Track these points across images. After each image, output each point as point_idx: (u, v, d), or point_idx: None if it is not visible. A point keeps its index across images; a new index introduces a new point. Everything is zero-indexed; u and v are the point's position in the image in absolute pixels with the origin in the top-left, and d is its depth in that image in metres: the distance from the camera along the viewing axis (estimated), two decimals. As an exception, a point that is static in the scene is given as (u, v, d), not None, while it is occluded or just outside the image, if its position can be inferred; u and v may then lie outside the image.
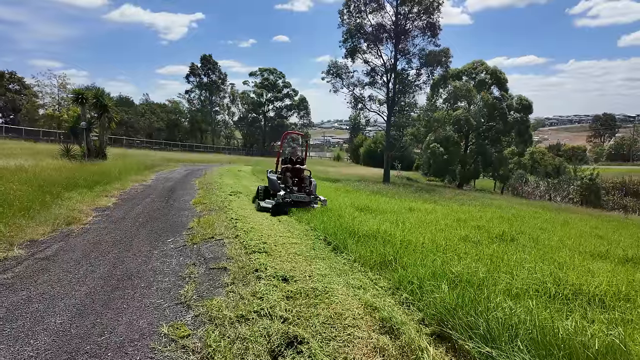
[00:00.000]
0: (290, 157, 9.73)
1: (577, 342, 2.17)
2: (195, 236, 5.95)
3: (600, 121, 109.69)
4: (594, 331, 2.34)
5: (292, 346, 2.64)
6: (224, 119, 70.49)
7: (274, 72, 69.10)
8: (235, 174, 20.56)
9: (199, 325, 3.06)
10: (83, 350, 2.64)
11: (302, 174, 9.44)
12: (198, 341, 2.79)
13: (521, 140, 38.45)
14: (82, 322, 3.06)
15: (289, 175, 9.09)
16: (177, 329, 2.96)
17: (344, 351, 2.68)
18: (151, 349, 2.67)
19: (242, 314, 3.18)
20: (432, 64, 28.91)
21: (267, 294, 3.63)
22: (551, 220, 10.49)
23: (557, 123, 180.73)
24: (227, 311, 3.24)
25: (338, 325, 3.07)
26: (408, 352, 2.63)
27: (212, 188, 12.57)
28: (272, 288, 3.82)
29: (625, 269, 5.07)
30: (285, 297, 3.61)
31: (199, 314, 3.24)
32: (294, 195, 8.58)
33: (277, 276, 4.17)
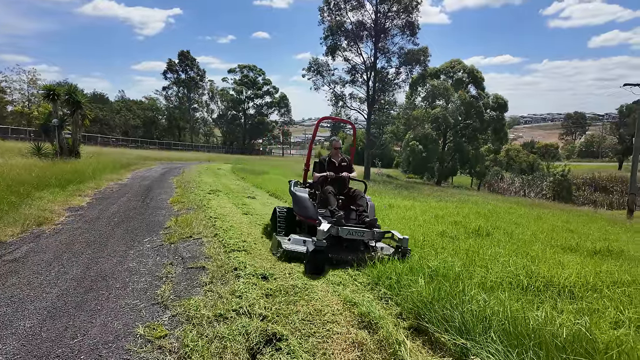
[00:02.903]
0: (329, 159, 5.88)
1: (546, 332, 2.26)
2: (172, 235, 5.85)
3: (571, 119, 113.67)
4: (562, 321, 2.44)
5: (271, 343, 2.64)
6: (202, 116, 69.46)
7: (254, 69, 68.50)
8: (215, 172, 20.30)
9: (176, 325, 3.01)
10: (54, 354, 2.56)
11: (355, 192, 5.51)
12: (175, 341, 2.75)
13: (497, 137, 39.46)
14: (54, 325, 2.97)
15: (331, 190, 5.26)
16: (153, 329, 2.90)
17: (323, 347, 2.70)
18: (126, 351, 2.62)
19: (221, 312, 3.15)
20: (411, 62, 29.27)
21: (246, 292, 3.60)
22: (525, 215, 10.81)
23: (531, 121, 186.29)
24: (205, 310, 3.20)
25: (317, 321, 3.08)
26: (386, 345, 2.67)
27: (191, 186, 12.37)
28: (251, 286, 3.79)
29: (593, 261, 5.28)
30: (264, 295, 3.59)
31: (176, 314, 3.19)
32: (344, 230, 4.58)
33: (256, 274, 4.15)
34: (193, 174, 17.69)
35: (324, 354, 2.60)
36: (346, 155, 6.08)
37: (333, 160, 5.86)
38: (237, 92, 66.93)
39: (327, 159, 5.89)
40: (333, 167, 5.78)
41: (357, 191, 5.52)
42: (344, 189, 5.63)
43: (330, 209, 5.04)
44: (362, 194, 5.49)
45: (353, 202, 5.41)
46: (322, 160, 5.92)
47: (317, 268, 4.24)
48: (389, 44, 29.20)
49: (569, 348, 2.13)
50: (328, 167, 5.77)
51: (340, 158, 5.91)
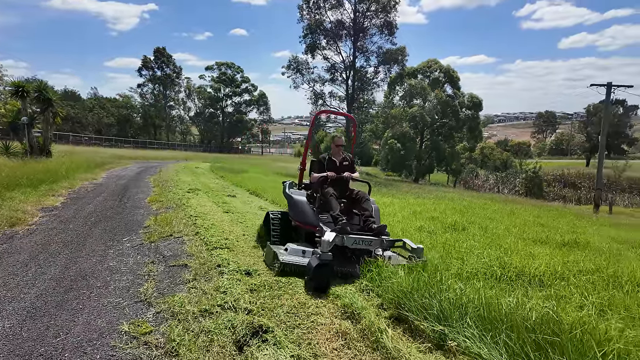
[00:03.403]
0: (329, 157, 5.30)
1: (517, 316, 2.42)
2: (152, 234, 5.79)
3: (542, 118, 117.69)
4: (532, 305, 2.61)
5: (258, 335, 2.70)
6: (179, 114, 68.13)
7: (232, 67, 67.70)
8: (193, 171, 20.03)
9: (161, 321, 3.03)
10: (37, 353, 2.53)
11: (359, 194, 4.94)
12: (161, 337, 2.77)
13: (472, 136, 40.48)
14: (34, 324, 2.93)
15: (332, 192, 4.72)
16: (138, 326, 2.91)
17: (308, 337, 2.78)
18: (112, 347, 2.62)
19: (206, 308, 3.18)
20: (390, 62, 29.72)
21: (231, 288, 3.65)
22: (499, 210, 11.20)
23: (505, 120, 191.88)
24: (190, 306, 3.23)
25: (302, 313, 3.16)
26: (368, 334, 2.78)
27: (169, 185, 12.20)
28: (235, 282, 3.83)
29: (561, 252, 5.58)
30: (249, 290, 3.64)
31: (160, 311, 3.20)
32: (350, 239, 4.10)
33: (240, 271, 4.19)
34: (170, 173, 17.41)
35: (309, 344, 2.69)
36: (348, 154, 5.47)
37: (334, 159, 5.27)
38: (214, 90, 65.99)
39: (326, 157, 5.28)
40: (333, 166, 5.19)
41: (361, 193, 4.92)
42: (345, 191, 5.04)
43: (333, 214, 4.47)
44: (367, 196, 4.87)
45: (356, 206, 4.85)
46: (321, 159, 5.30)
47: (322, 284, 3.64)
48: (367, 43, 29.60)
49: (537, 329, 2.29)
50: (328, 166, 5.18)
51: (341, 157, 5.33)
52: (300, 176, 5.93)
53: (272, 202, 10.30)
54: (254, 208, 9.07)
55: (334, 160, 5.27)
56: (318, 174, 5.12)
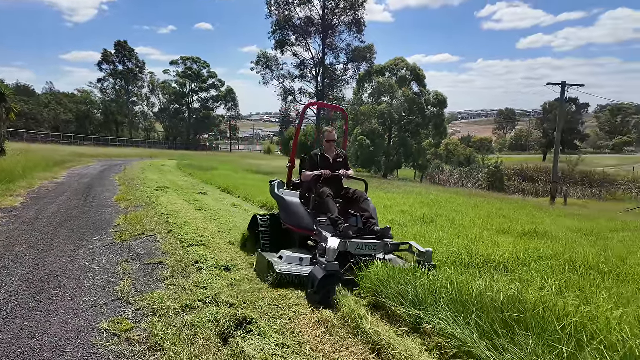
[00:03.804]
0: (322, 154, 4.87)
1: (487, 297, 2.62)
2: (123, 233, 5.66)
3: (503, 116, 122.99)
4: (499, 288, 2.82)
5: (242, 327, 2.75)
6: (142, 110, 65.84)
7: (198, 61, 66.08)
8: (159, 169, 19.53)
9: (142, 318, 3.01)
10: (14, 354, 2.46)
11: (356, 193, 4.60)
12: (143, 333, 2.76)
13: (437, 132, 41.74)
14: (7, 327, 2.83)
15: (329, 193, 4.31)
16: (118, 323, 2.88)
17: (291, 326, 2.87)
18: (92, 345, 2.59)
19: (187, 303, 3.19)
20: (358, 59, 30.10)
21: (211, 283, 3.67)
22: (464, 204, 11.70)
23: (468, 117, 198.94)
24: (171, 302, 3.22)
25: (284, 305, 3.25)
26: (349, 321, 2.90)
27: (135, 184, 11.86)
28: (214, 277, 3.85)
29: (523, 241, 5.95)
30: (229, 285, 3.68)
31: (140, 308, 3.17)
32: (353, 244, 3.68)
33: (218, 266, 4.21)
34: (136, 171, 16.89)
35: (292, 333, 2.77)
36: (341, 150, 5.05)
37: (327, 156, 4.83)
38: (180, 85, 64.19)
39: (319, 154, 4.83)
40: (327, 163, 4.75)
41: (359, 192, 4.57)
42: (340, 190, 4.65)
43: (332, 216, 4.10)
44: (365, 195, 4.53)
45: (353, 206, 4.52)
46: (312, 156, 4.84)
47: (328, 297, 3.24)
48: (337, 41, 29.80)
49: (505, 309, 2.50)
50: (320, 163, 4.73)
51: (334, 153, 4.90)
52: (289, 174, 5.37)
53: (244, 199, 10.26)
54: (226, 205, 9.01)
55: (326, 156, 4.83)
56: (310, 172, 4.62)
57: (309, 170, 4.73)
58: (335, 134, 4.96)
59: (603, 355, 2.06)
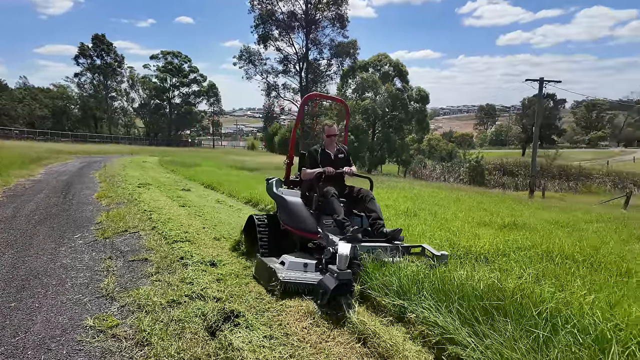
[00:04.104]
0: (322, 149, 4.52)
1: (468, 286, 2.72)
2: (106, 230, 5.58)
3: (483, 111, 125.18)
4: (479, 277, 2.93)
5: (229, 320, 2.77)
6: (122, 105, 64.24)
7: (179, 56, 64.81)
8: (141, 165, 19.20)
9: (128, 314, 2.99)
10: (-4, 353, 2.43)
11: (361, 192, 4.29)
12: (129, 329, 2.75)
13: (420, 128, 42.28)
14: (-13, 326, 2.78)
15: (334, 192, 4.01)
16: (103, 320, 2.86)
17: (279, 319, 2.91)
18: (78, 342, 2.57)
19: (173, 298, 3.19)
20: (342, 55, 30.12)
21: (197, 279, 3.67)
22: (446, 198, 11.92)
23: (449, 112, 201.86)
24: (157, 298, 3.22)
25: (271, 298, 3.28)
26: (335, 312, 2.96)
27: (116, 180, 11.65)
28: (200, 273, 3.85)
29: (502, 233, 6.13)
30: (216, 280, 3.69)
31: (125, 304, 3.15)
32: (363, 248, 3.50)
33: (204, 262, 4.21)
34: (116, 168, 16.56)
35: (280, 324, 2.82)
36: (343, 145, 4.70)
37: (328, 152, 4.47)
38: (160, 80, 62.86)
39: (319, 149, 4.48)
40: (328, 160, 4.40)
41: (364, 191, 4.25)
42: (343, 189, 4.34)
43: (337, 218, 3.79)
44: (371, 194, 4.21)
45: (359, 206, 4.21)
46: (313, 152, 4.47)
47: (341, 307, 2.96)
48: (320, 36, 29.69)
49: (485, 297, 2.59)
50: (322, 160, 4.38)
51: (336, 149, 4.53)
52: (287, 171, 4.94)
53: (229, 195, 10.21)
54: (210, 201, 8.95)
55: (327, 152, 4.47)
56: (311, 170, 4.28)
57: (310, 167, 4.35)
58: (336, 128, 4.54)
59: (576, 337, 2.17)
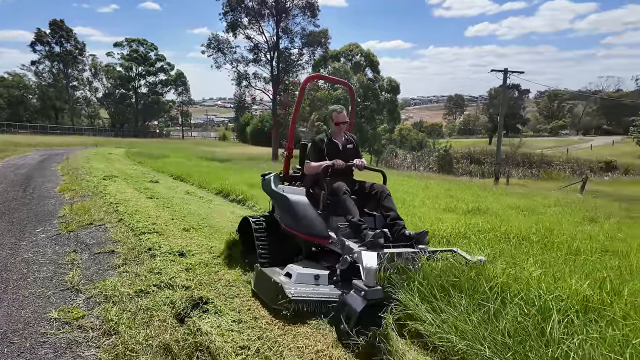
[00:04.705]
0: (329, 139, 3.87)
1: (427, 266, 2.87)
2: (69, 223, 5.42)
3: (452, 101, 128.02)
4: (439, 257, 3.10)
5: (198, 307, 2.81)
6: (84, 95, 61.27)
7: (145, 43, 62.31)
8: (106, 157, 18.56)
9: (94, 305, 2.97)
10: (-46, 349, 2.37)
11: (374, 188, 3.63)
12: (96, 319, 2.74)
13: (391, 118, 42.89)
14: (-57, 322, 2.69)
15: (346, 189, 3.40)
16: (69, 312, 2.83)
17: (248, 304, 2.98)
18: (42, 334, 2.54)
19: (141, 288, 3.19)
20: (313, 44, 29.87)
21: (165, 269, 3.67)
22: (415, 185, 12.27)
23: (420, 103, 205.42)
24: (124, 289, 3.20)
25: (240, 285, 3.34)
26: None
27: (80, 173, 11.24)
28: (169, 263, 3.85)
29: (466, 217, 6.42)
30: (184, 270, 3.70)
31: (91, 296, 3.12)
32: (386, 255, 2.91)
33: (173, 252, 4.20)
34: (80, 160, 15.94)
35: (249, 309, 2.89)
36: (351, 135, 4.05)
37: (335, 141, 3.82)
38: (125, 69, 60.30)
39: (325, 139, 3.81)
40: (336, 151, 3.76)
41: (379, 187, 3.60)
42: (353, 184, 3.66)
43: (352, 219, 3.22)
44: (387, 190, 3.58)
45: (369, 204, 3.63)
46: (318, 142, 3.80)
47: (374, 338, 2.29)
48: (291, 24, 29.30)
49: (443, 275, 2.76)
50: (328, 151, 3.74)
51: (344, 138, 3.90)
52: (286, 165, 4.30)
53: (199, 187, 10.08)
54: (180, 193, 8.83)
55: (335, 142, 3.82)
56: (317, 163, 3.65)
57: (315, 159, 3.70)
58: (346, 114, 3.86)
59: (522, 309, 2.36)
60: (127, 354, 2.31)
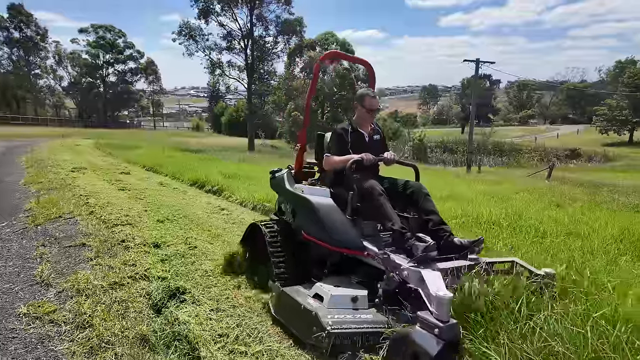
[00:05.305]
0: (353, 129, 3.20)
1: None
2: (37, 217, 5.21)
3: (426, 91, 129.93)
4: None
5: (175, 297, 2.79)
6: (48, 84, 58.43)
7: (112, 30, 59.68)
8: (74, 149, 17.89)
9: (66, 299, 2.89)
10: None
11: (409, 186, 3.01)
12: (68, 313, 2.67)
13: (367, 107, 43.03)
14: None
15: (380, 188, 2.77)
16: (39, 307, 2.74)
17: (226, 293, 2.98)
18: (11, 330, 2.45)
19: (116, 281, 3.12)
20: (288, 32, 29.52)
21: (140, 260, 3.60)
22: (391, 174, 12.46)
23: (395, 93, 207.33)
24: (97, 282, 3.12)
25: (218, 274, 3.32)
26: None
27: (47, 165, 10.80)
28: (143, 254, 3.78)
29: (439, 203, 6.54)
30: (160, 261, 3.64)
31: (62, 290, 3.03)
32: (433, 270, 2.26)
33: (147, 244, 4.12)
34: (46, 152, 15.28)
35: (227, 298, 2.89)
36: (377, 124, 3.42)
37: (361, 132, 3.20)
38: (92, 56, 57.70)
39: (349, 129, 3.16)
40: (362, 142, 3.16)
41: (415, 185, 3.02)
42: (382, 181, 3.01)
43: (394, 227, 2.61)
44: (425, 189, 2.97)
45: (402, 204, 3.00)
46: (340, 132, 3.14)
47: None
48: (265, 12, 28.80)
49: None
50: (354, 143, 3.12)
51: (370, 128, 3.26)
52: (300, 160, 3.52)
53: (172, 178, 9.87)
54: (153, 184, 8.63)
55: (360, 132, 3.20)
56: (340, 157, 3.03)
57: (337, 152, 3.09)
58: (378, 99, 3.30)
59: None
60: (102, 346, 2.27)
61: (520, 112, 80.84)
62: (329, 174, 3.21)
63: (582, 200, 8.49)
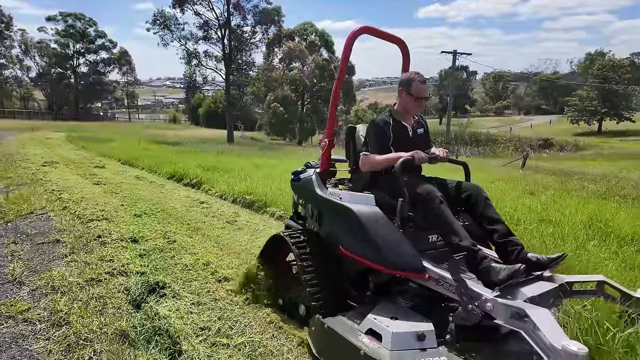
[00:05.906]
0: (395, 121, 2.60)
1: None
2: (6, 213, 5.01)
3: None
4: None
5: (155, 292, 2.75)
6: (14, 74, 55.75)
7: (82, 18, 57.25)
8: (44, 143, 17.24)
9: (40, 297, 2.81)
10: None
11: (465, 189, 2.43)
12: (43, 311, 2.59)
13: (347, 99, 43.10)
14: None
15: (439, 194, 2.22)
16: (11, 306, 2.65)
17: (207, 287, 2.96)
18: (-18, 331, 2.37)
19: (92, 277, 3.05)
20: (267, 22, 29.03)
21: (117, 256, 3.53)
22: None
23: (375, 84, 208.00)
24: (73, 278, 3.05)
25: (199, 268, 3.29)
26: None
27: (15, 159, 10.38)
28: (121, 250, 3.71)
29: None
30: (138, 256, 3.58)
31: (36, 288, 2.95)
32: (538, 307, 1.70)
33: (124, 239, 4.04)
34: (14, 146, 14.67)
35: (208, 291, 2.87)
36: (421, 116, 2.83)
37: (404, 124, 2.65)
38: (61, 46, 55.27)
39: (390, 121, 2.60)
40: (405, 138, 2.62)
41: (470, 187, 2.48)
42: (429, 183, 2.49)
43: (464, 244, 2.12)
44: (484, 193, 2.45)
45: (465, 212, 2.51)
46: (380, 125, 2.58)
47: None
48: (242, 1, 28.18)
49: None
50: (397, 139, 2.56)
51: (414, 120, 2.70)
52: (326, 156, 2.90)
53: (149, 171, 9.66)
54: (129, 178, 8.44)
55: (404, 126, 2.65)
56: (384, 156, 2.49)
57: (377, 150, 2.54)
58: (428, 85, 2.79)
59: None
60: (80, 343, 2.23)
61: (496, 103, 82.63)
62: (365, 176, 2.66)
63: (554, 188, 8.79)
